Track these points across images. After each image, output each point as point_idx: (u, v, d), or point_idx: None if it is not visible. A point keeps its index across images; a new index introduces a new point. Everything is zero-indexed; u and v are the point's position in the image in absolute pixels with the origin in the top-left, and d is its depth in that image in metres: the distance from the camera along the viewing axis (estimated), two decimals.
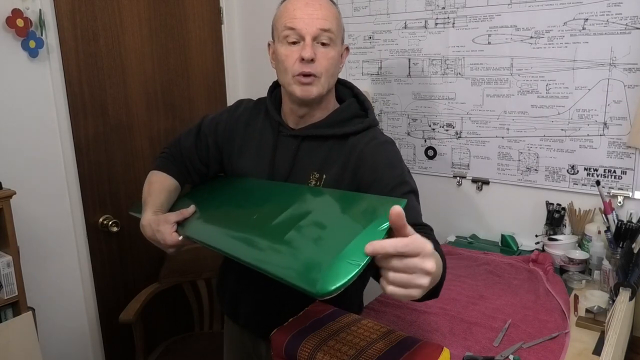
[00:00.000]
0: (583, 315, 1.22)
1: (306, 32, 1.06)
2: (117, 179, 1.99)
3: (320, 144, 1.14)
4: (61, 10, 1.76)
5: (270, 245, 0.90)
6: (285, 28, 1.07)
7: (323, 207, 0.97)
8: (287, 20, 1.07)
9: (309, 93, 1.08)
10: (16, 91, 1.67)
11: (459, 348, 1.10)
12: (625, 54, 1.49)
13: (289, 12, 1.08)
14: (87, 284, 1.93)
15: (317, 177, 1.12)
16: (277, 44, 1.11)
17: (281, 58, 1.09)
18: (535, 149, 1.70)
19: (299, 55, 1.06)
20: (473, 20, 1.74)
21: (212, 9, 2.28)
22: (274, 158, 1.17)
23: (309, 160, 1.14)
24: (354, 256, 0.74)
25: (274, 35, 1.15)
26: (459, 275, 1.49)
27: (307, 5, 1.07)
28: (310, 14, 1.06)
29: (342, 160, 1.11)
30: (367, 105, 1.19)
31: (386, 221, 0.74)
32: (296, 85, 1.09)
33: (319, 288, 0.71)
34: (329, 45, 1.08)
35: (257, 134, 1.23)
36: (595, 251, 1.49)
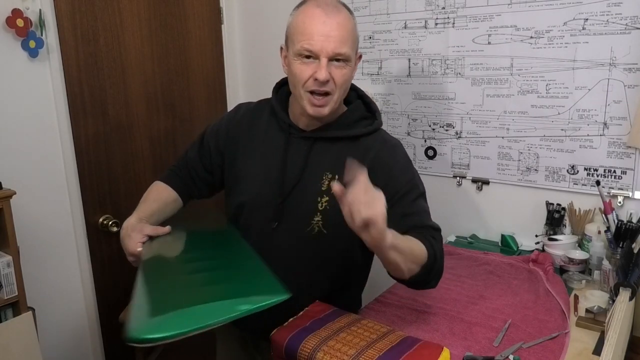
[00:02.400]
0: (583, 315, 1.22)
1: (321, 54, 1.06)
2: (117, 179, 1.99)
3: (332, 145, 1.16)
4: (61, 10, 1.76)
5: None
6: (300, 47, 1.07)
7: (226, 265, 1.05)
8: (303, 40, 1.06)
9: (321, 112, 1.11)
10: (16, 91, 1.67)
11: (459, 348, 1.10)
12: (625, 54, 1.49)
13: (306, 30, 1.06)
14: (87, 284, 1.93)
15: (329, 177, 1.14)
16: (291, 55, 1.11)
17: (294, 72, 1.09)
18: (535, 149, 1.70)
19: (313, 73, 1.07)
20: (473, 20, 1.74)
21: (212, 9, 2.27)
22: (286, 159, 1.17)
23: (321, 161, 1.15)
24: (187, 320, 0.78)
25: (288, 43, 1.13)
26: (459, 275, 1.49)
27: (324, 23, 1.06)
28: (327, 35, 1.05)
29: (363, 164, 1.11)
30: (374, 107, 1.21)
31: (247, 308, 0.83)
32: (307, 102, 1.10)
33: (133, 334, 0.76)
34: (344, 63, 1.09)
35: (262, 135, 1.23)
36: (595, 251, 1.48)
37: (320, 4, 1.08)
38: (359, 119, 1.19)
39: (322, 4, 1.08)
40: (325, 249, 1.17)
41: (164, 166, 2.14)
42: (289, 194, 1.16)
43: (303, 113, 1.15)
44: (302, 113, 1.15)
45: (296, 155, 1.17)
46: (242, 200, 1.21)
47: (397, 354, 0.94)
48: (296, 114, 1.19)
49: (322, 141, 1.16)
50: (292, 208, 1.16)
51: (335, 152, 1.15)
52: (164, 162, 2.14)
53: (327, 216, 1.14)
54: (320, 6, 1.07)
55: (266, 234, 1.17)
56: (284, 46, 1.16)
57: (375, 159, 1.13)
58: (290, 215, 1.16)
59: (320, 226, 1.15)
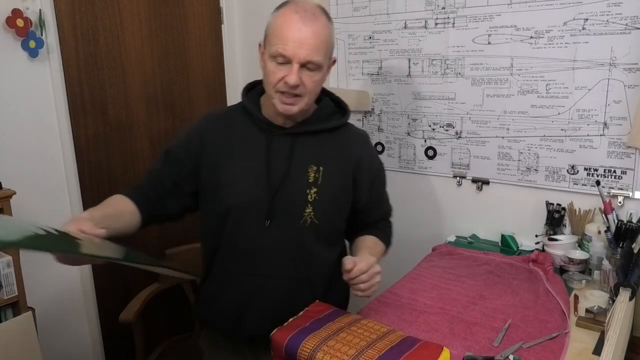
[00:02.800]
0: (583, 315, 1.22)
1: (294, 59, 1.10)
2: (117, 179, 1.99)
3: (312, 139, 1.22)
4: (61, 10, 1.76)
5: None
6: (275, 50, 1.10)
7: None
8: (278, 44, 1.10)
9: (290, 110, 1.15)
10: (16, 91, 1.67)
11: (459, 348, 1.10)
12: (625, 54, 1.49)
13: (282, 35, 1.10)
14: (87, 284, 1.93)
15: (314, 169, 1.20)
16: (266, 54, 1.15)
17: (267, 71, 1.14)
18: (535, 149, 1.70)
19: (284, 76, 1.11)
20: (473, 20, 1.74)
21: (212, 9, 2.28)
22: (270, 158, 1.19)
23: (305, 155, 1.20)
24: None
25: (265, 42, 1.17)
26: (459, 275, 1.49)
27: (299, 30, 1.09)
28: (301, 42, 1.09)
29: (340, 154, 1.24)
30: (342, 102, 1.31)
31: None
32: (278, 100, 1.15)
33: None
34: (315, 70, 1.13)
35: (240, 138, 1.23)
36: (595, 251, 1.48)
37: (299, 10, 1.11)
38: (331, 113, 1.26)
39: (300, 10, 1.11)
40: (319, 238, 1.22)
41: None
42: (278, 191, 1.18)
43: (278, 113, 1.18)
44: (277, 112, 1.19)
45: (280, 153, 1.20)
46: (229, 204, 1.20)
47: (397, 354, 0.94)
48: (271, 113, 1.21)
49: (303, 136, 1.21)
50: (283, 204, 1.18)
51: (317, 145, 1.21)
52: None
53: (317, 207, 1.19)
54: (298, 12, 1.10)
55: (259, 233, 1.18)
56: (262, 45, 1.19)
57: (361, 155, 1.26)
58: (282, 211, 1.18)
59: (312, 217, 1.19)
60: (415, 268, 1.57)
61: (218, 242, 1.23)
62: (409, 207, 2.04)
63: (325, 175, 1.19)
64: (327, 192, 1.20)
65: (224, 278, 1.25)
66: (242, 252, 1.20)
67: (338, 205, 1.25)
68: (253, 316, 1.21)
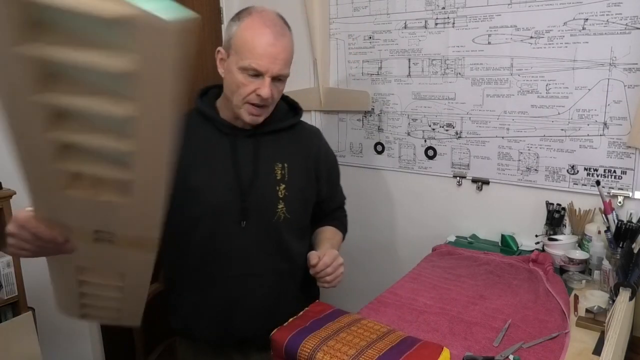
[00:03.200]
0: (583, 315, 1.22)
1: (267, 74, 1.13)
2: None
3: (274, 138, 1.26)
4: None
5: None
6: (248, 64, 1.12)
7: None
8: (251, 59, 1.11)
9: (256, 121, 1.19)
10: None
11: (459, 348, 1.10)
12: (625, 54, 1.49)
13: (255, 49, 1.11)
14: None
15: (280, 167, 1.24)
16: (233, 64, 1.15)
17: (236, 82, 1.14)
18: (535, 149, 1.70)
19: (256, 88, 1.13)
20: (473, 20, 1.74)
21: (212, 9, 2.28)
22: (237, 160, 1.21)
23: (270, 154, 1.24)
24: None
25: (230, 51, 1.16)
26: (459, 275, 1.49)
27: (273, 46, 1.12)
28: (275, 57, 1.12)
29: (302, 151, 1.30)
30: (293, 101, 1.35)
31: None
32: (245, 111, 1.17)
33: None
34: (283, 81, 1.19)
35: (202, 144, 1.22)
36: (595, 251, 1.48)
37: (268, 24, 1.13)
38: (286, 112, 1.31)
39: (269, 23, 1.13)
40: (292, 232, 1.26)
41: None
42: (249, 192, 1.20)
43: (238, 117, 1.20)
44: (237, 117, 1.21)
45: (245, 154, 1.22)
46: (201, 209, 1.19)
47: (397, 354, 0.94)
48: (231, 117, 1.23)
49: (266, 135, 1.25)
50: (256, 203, 1.21)
51: (278, 144, 1.26)
52: None
53: (288, 202, 1.23)
54: (268, 26, 1.13)
55: (235, 234, 1.20)
56: (223, 51, 1.18)
57: (318, 148, 1.33)
58: (256, 210, 1.21)
59: (285, 212, 1.23)
60: (415, 268, 1.57)
61: (186, 249, 1.22)
62: (409, 207, 2.04)
63: (290, 171, 1.25)
64: (294, 187, 1.25)
65: (203, 284, 1.23)
66: (220, 255, 1.20)
67: (305, 198, 1.30)
68: (242, 317, 1.21)
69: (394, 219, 2.00)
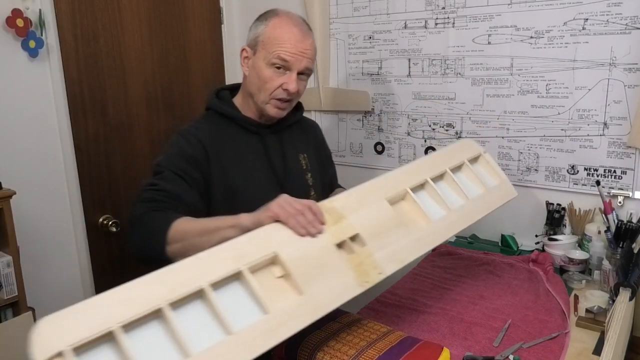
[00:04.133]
0: (583, 315, 1.22)
1: (294, 67, 1.20)
2: (117, 179, 1.99)
3: (291, 131, 1.35)
4: (61, 10, 1.76)
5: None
6: (276, 57, 1.18)
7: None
8: (280, 51, 1.18)
9: (281, 115, 1.26)
10: (16, 91, 1.67)
11: (459, 348, 1.10)
12: (625, 54, 1.49)
13: (284, 43, 1.18)
14: (87, 284, 1.93)
15: (303, 157, 1.36)
16: (260, 60, 1.21)
17: (263, 78, 1.21)
18: (535, 149, 1.70)
19: (283, 83, 1.20)
20: (473, 20, 1.74)
21: (212, 9, 2.28)
22: (270, 156, 1.28)
23: (293, 146, 1.34)
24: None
25: (257, 48, 1.22)
26: (459, 275, 1.49)
27: (299, 41, 1.19)
28: (302, 52, 1.20)
29: (311, 140, 1.43)
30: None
31: None
32: (271, 106, 1.23)
33: None
34: (306, 77, 1.26)
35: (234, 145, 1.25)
36: (595, 251, 1.48)
37: (296, 23, 1.22)
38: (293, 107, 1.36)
39: (297, 23, 1.22)
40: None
41: None
42: (285, 184, 1.27)
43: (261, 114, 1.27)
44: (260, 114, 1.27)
45: (274, 149, 1.30)
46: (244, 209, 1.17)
47: (397, 354, 0.94)
48: (253, 115, 1.29)
49: (285, 130, 1.34)
50: (294, 194, 1.20)
51: (294, 136, 1.36)
52: None
53: (316, 188, 1.36)
54: (297, 25, 1.21)
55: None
56: (249, 49, 1.25)
57: (320, 138, 1.48)
58: None
59: (315, 198, 1.26)
60: (415, 268, 1.57)
61: None
62: None
63: (310, 160, 1.37)
64: (316, 174, 1.37)
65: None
66: None
67: (324, 183, 1.42)
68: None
69: None
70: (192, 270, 0.79)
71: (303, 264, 0.87)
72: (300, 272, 0.85)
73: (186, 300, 0.76)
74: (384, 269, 0.94)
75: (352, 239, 0.95)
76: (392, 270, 0.95)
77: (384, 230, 0.99)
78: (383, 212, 1.03)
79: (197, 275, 0.78)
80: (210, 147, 1.23)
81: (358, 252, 0.94)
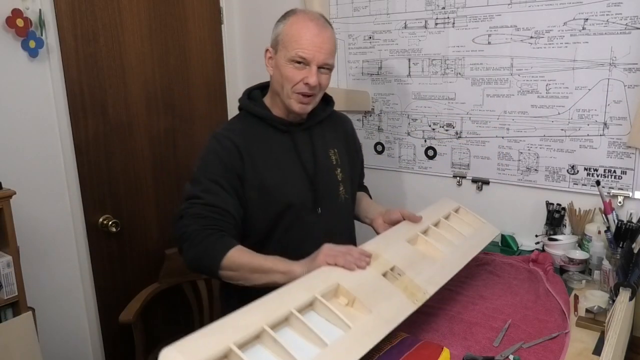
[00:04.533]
0: (583, 315, 1.22)
1: (313, 62, 1.23)
2: (117, 179, 1.99)
3: (320, 127, 1.39)
4: (61, 10, 1.76)
5: None
6: (295, 53, 1.23)
7: None
8: (298, 48, 1.22)
9: (305, 110, 1.30)
10: (16, 91, 1.67)
11: (459, 348, 1.10)
12: (625, 54, 1.49)
13: (301, 39, 1.22)
14: (87, 284, 1.93)
15: (332, 152, 1.39)
16: (282, 58, 1.26)
17: (286, 75, 1.25)
18: (535, 149, 1.70)
19: (304, 77, 1.24)
20: (473, 20, 1.74)
21: (212, 9, 2.28)
22: (299, 152, 1.32)
23: (322, 142, 1.38)
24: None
25: (278, 47, 1.27)
26: (459, 276, 1.48)
27: (317, 36, 1.23)
28: (320, 47, 1.24)
29: (341, 135, 1.46)
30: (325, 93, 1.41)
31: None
32: (295, 101, 1.27)
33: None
34: (328, 71, 1.29)
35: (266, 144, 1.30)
36: (595, 251, 1.48)
37: (312, 19, 1.25)
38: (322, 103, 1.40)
39: (313, 18, 1.26)
40: (351, 210, 1.45)
41: (164, 166, 2.15)
42: (316, 181, 1.32)
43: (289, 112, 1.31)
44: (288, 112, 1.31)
45: (304, 146, 1.34)
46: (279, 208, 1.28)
47: (397, 354, 0.94)
48: (282, 114, 1.33)
49: (315, 127, 1.37)
50: (324, 190, 1.34)
51: (324, 132, 1.40)
52: (164, 162, 2.14)
53: (345, 183, 1.39)
54: (312, 20, 1.25)
55: (315, 222, 1.32)
56: (271, 49, 1.30)
57: (351, 133, 1.52)
58: (325, 196, 1.34)
59: (345, 193, 1.39)
60: None
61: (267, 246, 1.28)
62: (409, 207, 2.03)
63: (339, 155, 1.40)
64: (345, 169, 1.41)
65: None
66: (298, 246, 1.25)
67: (352, 178, 1.45)
68: None
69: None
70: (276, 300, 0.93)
71: (362, 290, 1.00)
72: (363, 296, 0.99)
73: (280, 324, 0.89)
74: (427, 289, 1.10)
75: (392, 269, 1.11)
76: (433, 291, 1.11)
77: (413, 262, 1.17)
78: (407, 249, 1.22)
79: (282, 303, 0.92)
80: (243, 148, 1.27)
81: (400, 279, 1.10)
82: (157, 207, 2.13)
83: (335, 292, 1.00)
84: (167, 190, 2.16)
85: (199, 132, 2.26)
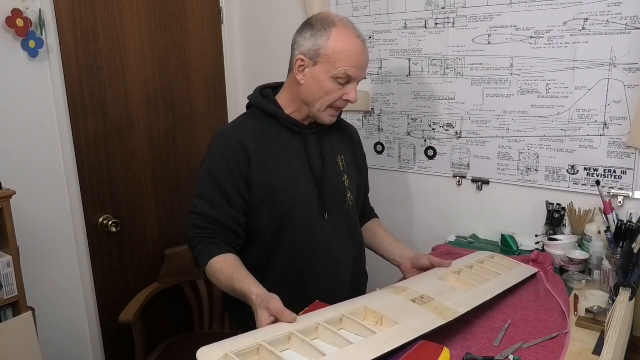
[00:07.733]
0: (583, 315, 1.22)
1: (357, 80, 1.25)
2: (117, 179, 1.99)
3: (328, 134, 1.37)
4: (61, 10, 1.76)
5: None
6: (343, 73, 1.21)
7: None
8: (347, 67, 1.21)
9: (334, 121, 1.32)
10: (16, 91, 1.67)
11: (459, 348, 1.09)
12: (625, 54, 1.49)
13: (350, 59, 1.21)
14: (87, 284, 1.93)
15: (340, 159, 1.37)
16: (323, 73, 1.23)
17: (326, 90, 1.24)
18: (535, 149, 1.70)
19: (344, 94, 1.25)
20: (473, 20, 1.74)
21: (212, 9, 2.28)
22: (310, 157, 1.30)
23: (330, 148, 1.36)
24: None
25: (319, 60, 1.22)
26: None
27: (363, 54, 1.24)
28: (365, 66, 1.26)
29: (348, 143, 1.44)
30: None
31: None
32: (327, 114, 1.28)
33: None
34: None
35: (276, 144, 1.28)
36: (595, 251, 1.48)
37: (357, 35, 1.24)
38: None
39: (358, 34, 1.24)
40: (356, 217, 1.42)
41: (164, 166, 2.15)
42: (323, 186, 1.30)
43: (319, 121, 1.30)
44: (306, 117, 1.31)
45: (314, 149, 1.31)
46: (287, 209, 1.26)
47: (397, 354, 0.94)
48: (299, 117, 1.31)
49: (324, 132, 1.35)
50: (331, 195, 1.32)
51: (332, 138, 1.38)
52: (164, 162, 2.14)
53: (352, 190, 1.37)
54: (359, 37, 1.24)
55: (322, 227, 1.29)
56: (308, 60, 1.23)
57: (357, 139, 1.50)
58: (332, 202, 1.32)
59: (351, 200, 1.37)
60: None
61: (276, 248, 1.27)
62: (409, 207, 2.04)
63: (346, 162, 1.38)
64: (352, 176, 1.39)
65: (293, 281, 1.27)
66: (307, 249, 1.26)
67: (359, 185, 1.43)
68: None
69: (394, 219, 2.00)
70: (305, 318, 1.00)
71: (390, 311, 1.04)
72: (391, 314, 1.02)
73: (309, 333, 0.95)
74: (457, 309, 1.10)
75: (422, 297, 1.13)
76: (464, 311, 1.10)
77: (443, 292, 1.17)
78: (438, 284, 1.23)
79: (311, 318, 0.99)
80: (251, 146, 1.24)
81: (429, 303, 1.11)
82: (157, 207, 2.13)
83: (363, 314, 1.04)
84: (167, 190, 2.16)
85: (199, 132, 2.27)
